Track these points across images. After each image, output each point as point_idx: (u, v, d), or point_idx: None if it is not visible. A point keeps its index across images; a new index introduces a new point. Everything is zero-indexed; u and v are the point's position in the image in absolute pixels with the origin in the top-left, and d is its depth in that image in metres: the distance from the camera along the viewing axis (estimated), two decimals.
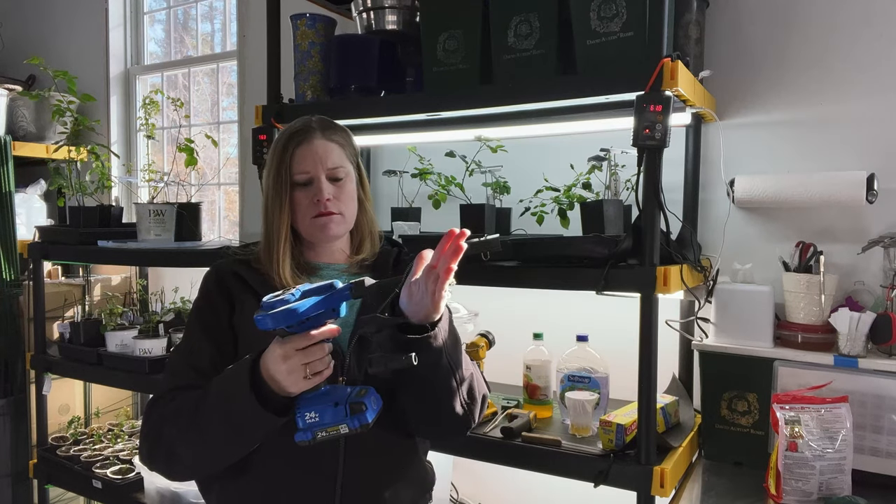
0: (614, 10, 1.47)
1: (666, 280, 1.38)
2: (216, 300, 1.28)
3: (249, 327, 1.13)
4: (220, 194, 3.15)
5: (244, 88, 2.82)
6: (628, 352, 1.47)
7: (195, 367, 1.22)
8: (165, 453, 1.16)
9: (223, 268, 1.32)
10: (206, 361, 1.22)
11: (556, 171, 1.89)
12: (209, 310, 1.28)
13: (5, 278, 2.79)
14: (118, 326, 2.45)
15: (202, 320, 1.28)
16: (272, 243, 1.29)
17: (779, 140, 1.80)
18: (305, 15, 1.96)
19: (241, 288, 1.28)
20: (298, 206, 1.28)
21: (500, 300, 1.90)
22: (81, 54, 3.37)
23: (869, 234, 1.66)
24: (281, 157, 1.29)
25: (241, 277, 1.28)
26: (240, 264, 1.31)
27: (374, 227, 1.41)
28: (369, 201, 1.40)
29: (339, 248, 1.36)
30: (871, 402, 1.45)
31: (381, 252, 1.39)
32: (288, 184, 1.28)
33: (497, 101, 1.63)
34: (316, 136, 1.30)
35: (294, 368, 1.02)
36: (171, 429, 1.15)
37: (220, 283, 1.30)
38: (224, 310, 1.27)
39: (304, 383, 1.03)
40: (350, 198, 1.32)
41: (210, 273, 1.33)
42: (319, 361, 1.03)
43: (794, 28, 1.77)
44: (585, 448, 1.51)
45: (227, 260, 1.34)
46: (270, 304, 1.01)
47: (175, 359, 1.29)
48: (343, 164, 1.31)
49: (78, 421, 2.83)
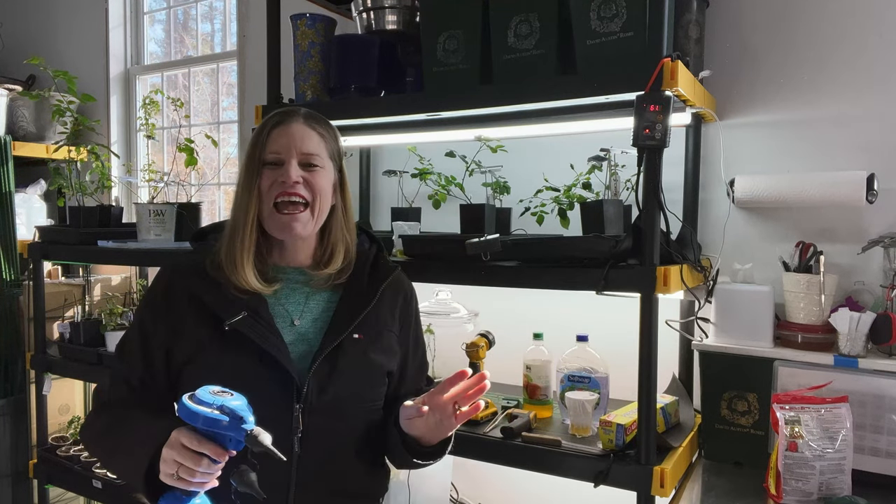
0: (614, 10, 1.47)
1: (666, 280, 1.38)
2: (162, 318, 1.23)
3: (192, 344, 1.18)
4: (220, 194, 3.15)
5: (244, 88, 2.82)
6: (628, 352, 1.47)
7: (128, 381, 1.23)
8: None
9: (176, 283, 1.25)
10: (136, 379, 1.23)
11: (556, 171, 1.89)
12: (150, 324, 1.24)
13: (5, 278, 2.79)
14: (118, 326, 2.46)
15: (143, 331, 1.25)
16: (237, 232, 1.22)
17: (779, 140, 1.80)
18: (305, 15, 1.95)
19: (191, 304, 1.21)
20: (263, 187, 1.21)
21: (500, 300, 1.90)
22: (81, 54, 3.37)
23: (869, 234, 1.66)
24: (257, 136, 1.24)
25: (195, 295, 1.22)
26: (196, 277, 1.24)
27: (351, 239, 1.33)
28: (348, 210, 1.33)
29: (304, 250, 1.29)
30: (871, 402, 1.45)
31: (357, 254, 1.33)
32: (258, 163, 1.22)
33: (497, 101, 1.63)
34: (296, 119, 1.25)
35: (168, 459, 0.99)
36: (94, 449, 1.31)
37: (169, 300, 1.23)
38: (162, 331, 1.22)
39: (169, 479, 1.00)
40: (321, 191, 1.24)
41: (162, 281, 1.27)
42: (188, 469, 0.98)
43: (794, 28, 1.77)
44: (585, 448, 1.51)
45: (183, 270, 1.27)
46: (199, 397, 1.00)
47: (117, 365, 1.27)
48: (319, 153, 1.25)
49: (78, 421, 2.83)
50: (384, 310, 1.31)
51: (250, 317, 1.18)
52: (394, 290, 1.35)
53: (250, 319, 1.18)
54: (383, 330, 1.30)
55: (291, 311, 1.25)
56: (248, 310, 1.19)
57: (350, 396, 1.22)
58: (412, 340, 1.39)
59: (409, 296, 1.39)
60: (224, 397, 1.00)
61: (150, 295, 1.28)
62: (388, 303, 1.33)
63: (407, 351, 1.37)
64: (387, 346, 1.30)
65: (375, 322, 1.28)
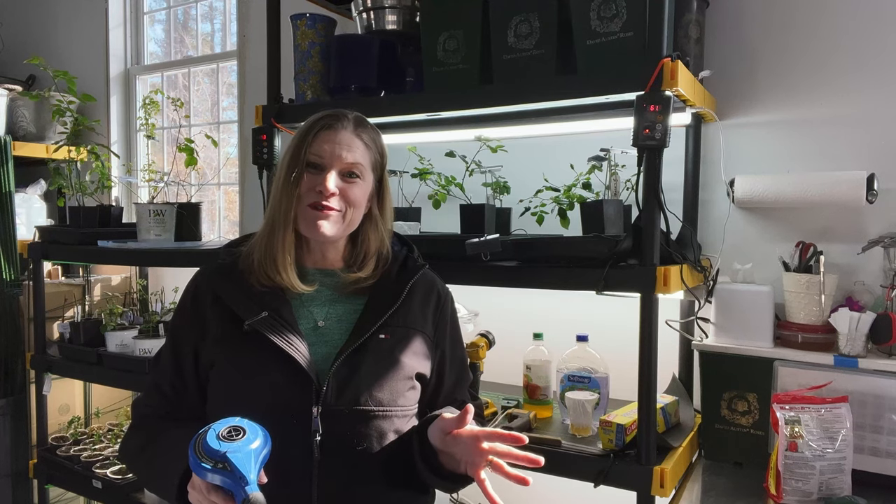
0: (614, 10, 1.47)
1: (666, 280, 1.38)
2: (189, 321, 1.25)
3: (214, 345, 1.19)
4: (220, 194, 3.15)
5: (244, 88, 2.82)
6: (628, 352, 1.47)
7: (160, 389, 1.26)
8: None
9: (201, 285, 1.26)
10: (168, 386, 1.25)
11: (556, 171, 1.89)
12: (179, 329, 1.27)
13: (5, 278, 2.79)
14: (118, 326, 2.46)
15: (173, 337, 1.27)
16: (276, 231, 1.21)
17: (779, 140, 1.80)
18: (305, 15, 1.95)
19: (214, 305, 1.22)
20: (302, 188, 1.21)
21: (500, 300, 1.90)
22: (81, 54, 3.37)
23: (869, 234, 1.66)
24: (304, 134, 1.23)
25: (218, 295, 1.22)
26: (220, 277, 1.25)
27: (385, 249, 1.31)
28: (385, 221, 1.31)
29: (333, 252, 1.28)
30: (871, 402, 1.45)
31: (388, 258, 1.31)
32: (302, 163, 1.21)
33: (497, 101, 1.63)
34: (346, 126, 1.23)
35: (193, 498, 1.00)
36: (131, 469, 1.37)
37: (196, 302, 1.25)
38: (189, 335, 1.24)
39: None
40: (356, 202, 1.23)
41: (191, 285, 1.29)
42: None
43: (794, 28, 1.77)
44: (585, 448, 1.51)
45: (208, 271, 1.28)
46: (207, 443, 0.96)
47: (151, 374, 1.30)
48: (362, 163, 1.23)
49: (78, 421, 2.83)
50: (414, 308, 1.27)
51: (271, 317, 1.16)
52: (425, 290, 1.31)
53: (271, 319, 1.16)
54: (412, 330, 1.25)
55: (316, 312, 1.23)
56: (270, 310, 1.17)
57: (373, 399, 1.16)
58: (449, 344, 1.32)
59: (443, 296, 1.34)
60: (233, 442, 0.96)
61: (180, 301, 1.30)
62: (420, 302, 1.29)
63: (444, 356, 1.31)
64: (417, 346, 1.25)
65: (403, 321, 1.24)
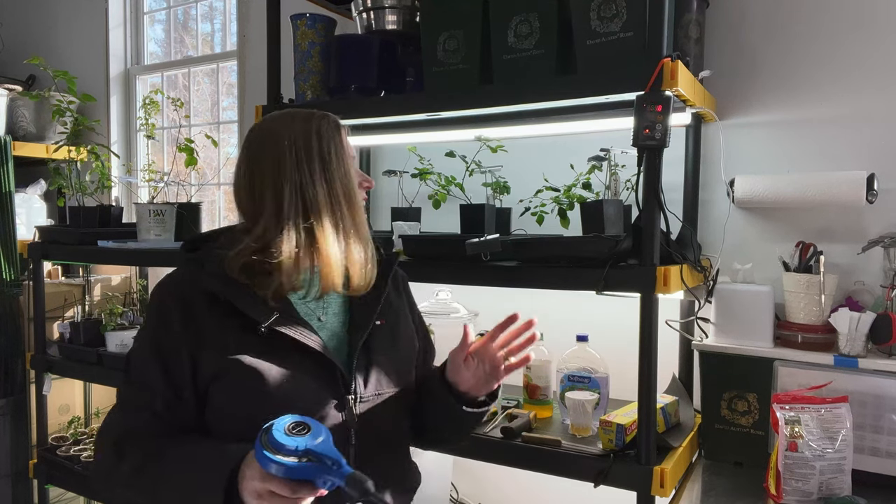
0: (614, 10, 1.47)
1: (666, 280, 1.38)
2: (180, 332, 1.12)
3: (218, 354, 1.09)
4: (220, 194, 3.15)
5: (244, 88, 2.82)
6: (628, 352, 1.47)
7: (151, 409, 1.11)
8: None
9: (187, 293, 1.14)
10: (161, 404, 1.11)
11: (556, 171, 1.89)
12: (167, 342, 1.12)
13: (5, 278, 2.79)
14: (118, 326, 2.46)
15: (160, 352, 1.12)
16: (349, 236, 1.17)
17: (779, 140, 1.80)
18: (305, 15, 1.95)
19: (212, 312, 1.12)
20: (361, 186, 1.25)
21: (500, 300, 1.89)
22: (81, 54, 3.37)
23: (869, 234, 1.66)
24: (339, 128, 1.23)
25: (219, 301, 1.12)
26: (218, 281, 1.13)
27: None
28: None
29: None
30: (871, 402, 1.45)
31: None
32: (349, 157, 1.24)
33: (497, 101, 1.63)
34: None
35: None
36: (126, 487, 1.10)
37: (185, 312, 1.13)
38: (184, 348, 1.11)
39: None
40: None
41: (169, 297, 1.15)
42: None
43: (795, 28, 1.77)
44: (585, 448, 1.51)
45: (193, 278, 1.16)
46: (277, 441, 0.90)
47: (127, 399, 1.15)
48: None
49: (78, 421, 2.84)
50: (392, 293, 1.34)
51: (283, 317, 1.15)
52: (394, 274, 1.37)
53: (284, 318, 1.14)
54: (399, 311, 1.33)
55: (314, 307, 1.24)
56: (278, 310, 1.15)
57: (390, 382, 1.23)
58: (418, 316, 1.42)
59: (401, 273, 1.42)
60: (303, 436, 0.91)
61: (157, 316, 1.16)
62: (393, 286, 1.36)
63: (420, 329, 1.40)
64: (407, 325, 1.34)
65: (388, 304, 1.30)
